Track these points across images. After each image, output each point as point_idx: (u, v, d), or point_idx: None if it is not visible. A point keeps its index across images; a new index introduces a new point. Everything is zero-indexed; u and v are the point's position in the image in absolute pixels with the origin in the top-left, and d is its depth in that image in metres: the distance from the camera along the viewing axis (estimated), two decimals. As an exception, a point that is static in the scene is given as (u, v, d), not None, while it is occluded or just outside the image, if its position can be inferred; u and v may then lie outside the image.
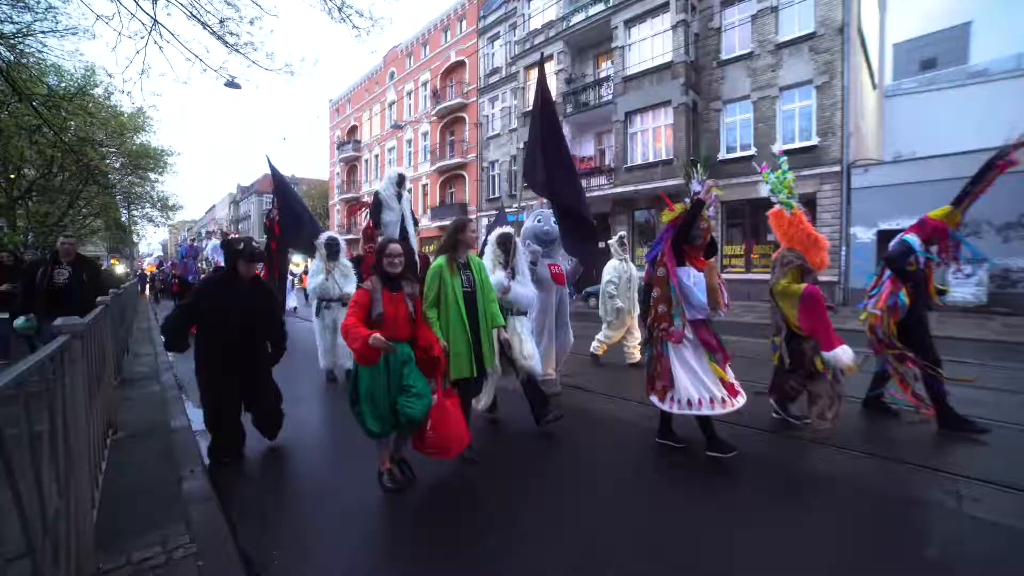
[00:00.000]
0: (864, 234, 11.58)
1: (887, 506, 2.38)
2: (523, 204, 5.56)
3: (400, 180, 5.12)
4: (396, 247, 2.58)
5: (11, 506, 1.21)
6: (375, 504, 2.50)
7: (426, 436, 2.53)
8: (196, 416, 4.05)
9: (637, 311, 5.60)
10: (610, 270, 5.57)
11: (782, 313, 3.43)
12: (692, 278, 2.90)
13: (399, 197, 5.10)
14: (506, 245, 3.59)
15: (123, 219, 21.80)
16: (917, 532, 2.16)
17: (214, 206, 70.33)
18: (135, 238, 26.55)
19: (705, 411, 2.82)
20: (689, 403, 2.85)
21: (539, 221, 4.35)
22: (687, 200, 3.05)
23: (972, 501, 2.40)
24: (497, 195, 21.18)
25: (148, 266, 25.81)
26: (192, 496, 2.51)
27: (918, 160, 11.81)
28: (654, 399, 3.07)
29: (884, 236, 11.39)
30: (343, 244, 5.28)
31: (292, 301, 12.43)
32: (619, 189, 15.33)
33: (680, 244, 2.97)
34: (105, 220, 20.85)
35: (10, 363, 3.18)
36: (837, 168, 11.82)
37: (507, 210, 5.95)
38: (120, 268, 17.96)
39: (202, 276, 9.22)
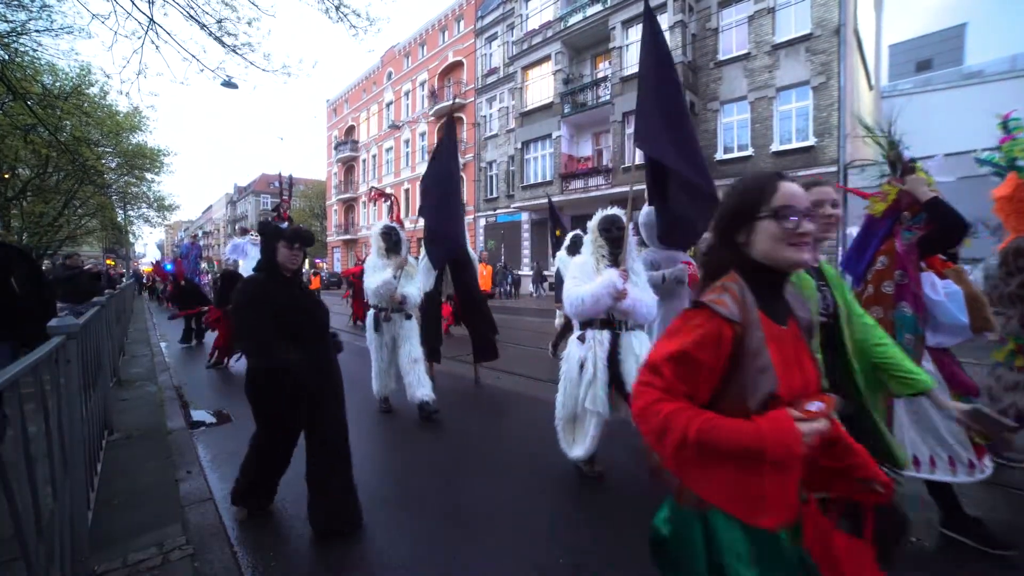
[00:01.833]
0: (860, 234, 11.65)
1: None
2: (522, 204, 5.17)
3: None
4: (801, 193, 0.98)
5: (5, 509, 1.20)
6: (372, 507, 2.49)
7: None
8: (192, 418, 4.05)
9: None
10: None
11: None
12: (939, 289, 1.99)
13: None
14: (612, 232, 2.63)
15: (119, 219, 21.70)
16: (912, 530, 2.17)
17: (211, 206, 70.11)
18: (131, 238, 26.42)
19: (939, 476, 1.92)
20: (916, 462, 1.94)
21: None
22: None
23: (965, 499, 2.41)
24: (495, 195, 21.20)
25: (145, 268, 25.68)
26: (189, 497, 2.50)
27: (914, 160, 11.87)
28: None
29: (880, 236, 11.44)
30: (405, 236, 4.18)
31: None
32: (617, 189, 15.34)
33: (943, 244, 1.99)
34: (101, 220, 20.74)
35: None
36: (834, 168, 11.88)
37: (503, 210, 5.40)
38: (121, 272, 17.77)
39: (212, 275, 9.26)
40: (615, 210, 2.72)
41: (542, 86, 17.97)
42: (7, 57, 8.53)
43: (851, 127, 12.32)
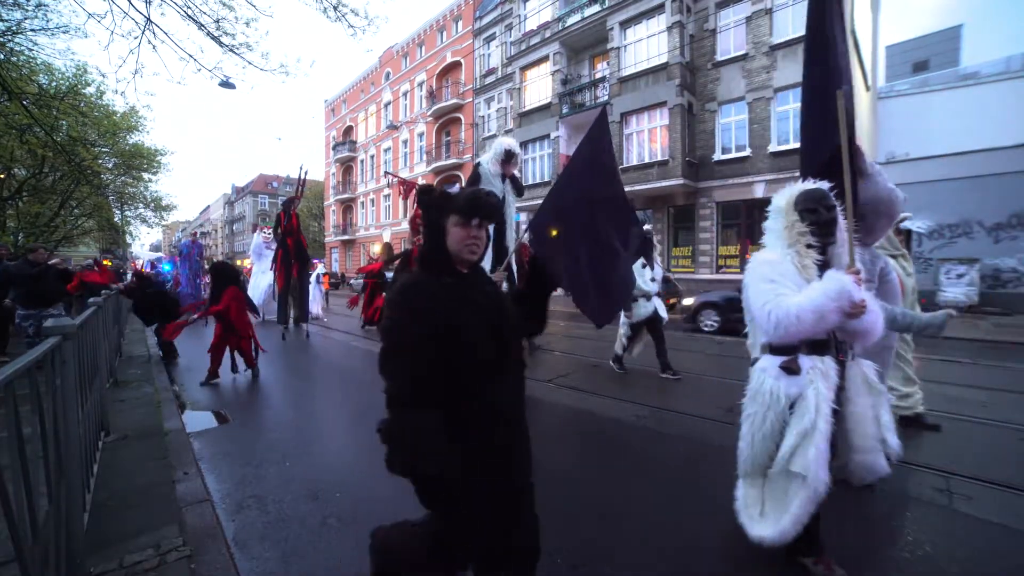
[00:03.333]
0: (858, 234, 11.70)
1: (879, 502, 2.40)
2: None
3: (508, 156, 3.94)
4: None
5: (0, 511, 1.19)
6: (372, 509, 2.49)
7: None
8: (190, 419, 4.03)
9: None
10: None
11: None
12: None
13: (503, 177, 3.96)
14: (820, 213, 1.77)
15: (116, 219, 21.63)
16: (909, 529, 2.18)
17: (208, 206, 69.95)
18: (128, 239, 26.33)
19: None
20: None
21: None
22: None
23: (963, 498, 2.42)
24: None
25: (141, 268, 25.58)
26: (186, 498, 2.49)
27: (911, 161, 11.94)
28: None
29: (877, 236, 11.48)
30: None
31: (316, 306, 11.40)
32: (615, 190, 15.35)
33: None
34: (98, 221, 20.68)
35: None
36: (831, 169, 11.92)
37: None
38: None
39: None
40: (815, 184, 1.83)
41: (540, 86, 17.99)
42: (2, 57, 8.50)
43: (848, 128, 12.34)
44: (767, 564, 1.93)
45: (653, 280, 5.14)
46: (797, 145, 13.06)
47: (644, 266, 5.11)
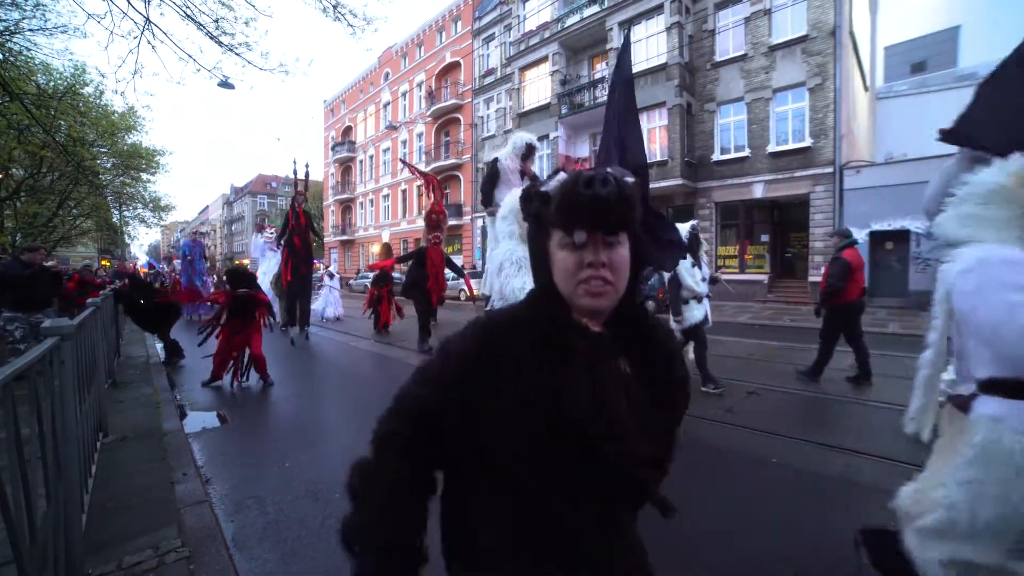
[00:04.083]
0: (857, 235, 11.69)
1: (875, 502, 2.39)
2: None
3: (529, 150, 3.83)
4: None
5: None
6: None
7: None
8: (189, 420, 4.01)
9: None
10: None
11: None
12: None
13: (521, 175, 3.80)
14: None
15: (115, 220, 21.61)
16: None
17: (207, 207, 69.91)
18: (127, 239, 26.29)
19: None
20: None
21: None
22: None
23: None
24: (492, 196, 21.16)
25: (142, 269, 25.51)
26: (185, 500, 2.48)
27: (909, 161, 11.95)
28: None
29: (876, 237, 11.51)
30: None
31: (334, 308, 11.18)
32: (614, 190, 15.35)
33: None
34: (96, 221, 20.66)
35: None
36: (830, 169, 11.94)
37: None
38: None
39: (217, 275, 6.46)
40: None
41: (539, 87, 18.00)
42: (1, 57, 8.49)
43: (846, 128, 12.38)
44: (767, 565, 1.93)
45: (704, 280, 4.62)
46: (796, 145, 13.11)
47: (693, 265, 4.54)
